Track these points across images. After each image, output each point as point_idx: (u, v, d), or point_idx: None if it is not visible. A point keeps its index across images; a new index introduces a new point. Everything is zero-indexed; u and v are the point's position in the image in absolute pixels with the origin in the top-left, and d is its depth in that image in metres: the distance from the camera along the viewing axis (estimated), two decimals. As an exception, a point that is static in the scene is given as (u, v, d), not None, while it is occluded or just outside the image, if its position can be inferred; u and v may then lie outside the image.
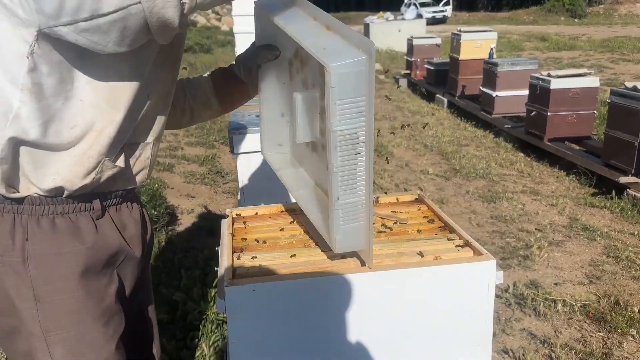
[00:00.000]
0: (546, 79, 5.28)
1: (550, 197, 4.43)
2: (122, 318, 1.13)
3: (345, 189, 1.08)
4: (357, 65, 0.97)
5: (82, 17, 0.81)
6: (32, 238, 1.01)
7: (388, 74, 11.03)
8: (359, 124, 1.02)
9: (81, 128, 0.98)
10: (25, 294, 1.02)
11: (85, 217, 1.06)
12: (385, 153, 5.75)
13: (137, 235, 1.18)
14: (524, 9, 28.46)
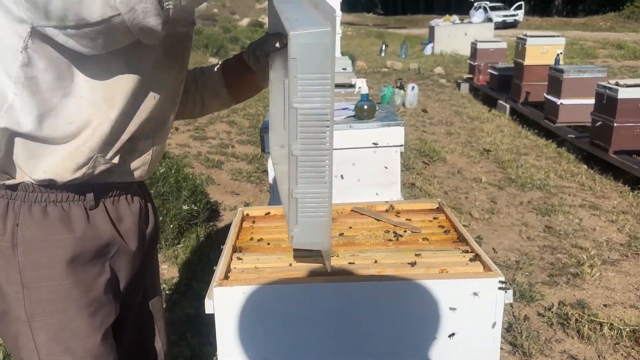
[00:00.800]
0: (613, 87, 4.96)
1: (611, 213, 4.15)
2: (112, 310, 1.12)
3: (307, 177, 0.96)
4: (322, 37, 0.87)
5: (69, 24, 0.82)
6: (22, 224, 1.02)
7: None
8: (325, 103, 0.91)
9: (78, 124, 0.99)
10: (13, 278, 1.03)
11: (78, 206, 1.06)
12: (437, 158, 5.60)
13: (134, 228, 1.17)
14: (600, 15, 27.04)
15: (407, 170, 5.20)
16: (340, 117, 2.44)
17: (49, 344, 1.05)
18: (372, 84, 10.24)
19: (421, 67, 12.35)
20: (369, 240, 1.30)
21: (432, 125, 7.24)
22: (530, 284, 3.02)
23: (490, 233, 3.82)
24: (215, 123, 6.66)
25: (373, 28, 29.00)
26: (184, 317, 2.56)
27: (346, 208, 1.53)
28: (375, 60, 14.26)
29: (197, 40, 13.53)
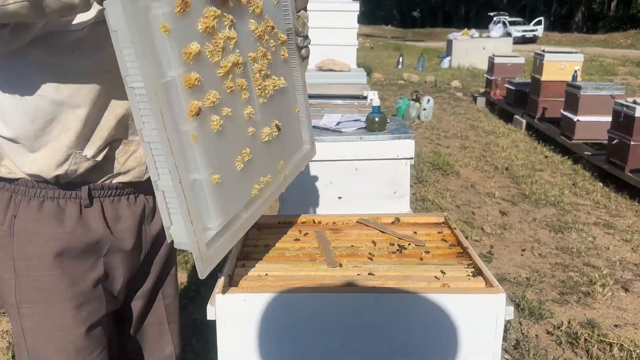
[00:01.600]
0: (631, 105, 4.92)
1: (625, 232, 4.09)
2: (101, 305, 1.15)
3: (165, 167, 0.86)
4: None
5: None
6: (19, 216, 1.08)
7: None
8: (163, 78, 0.82)
9: (41, 122, 1.02)
10: (8, 265, 1.09)
11: (73, 203, 1.11)
12: (451, 172, 5.58)
13: (132, 228, 1.19)
14: (621, 32, 26.82)
15: (419, 183, 5.20)
16: (352, 129, 2.46)
17: (34, 332, 1.10)
18: (388, 96, 10.26)
19: (438, 80, 12.34)
20: (373, 252, 1.31)
21: (447, 138, 7.22)
22: (540, 301, 2.99)
23: (502, 249, 3.80)
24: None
25: (391, 40, 29.07)
26: (190, 323, 2.58)
27: (352, 219, 1.54)
28: (392, 72, 14.28)
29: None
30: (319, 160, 2.31)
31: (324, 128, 2.47)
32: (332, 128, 2.46)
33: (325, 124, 2.51)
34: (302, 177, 2.39)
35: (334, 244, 1.36)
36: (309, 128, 1.39)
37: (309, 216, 1.55)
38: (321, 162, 2.32)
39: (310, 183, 2.37)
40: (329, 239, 1.38)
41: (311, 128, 1.42)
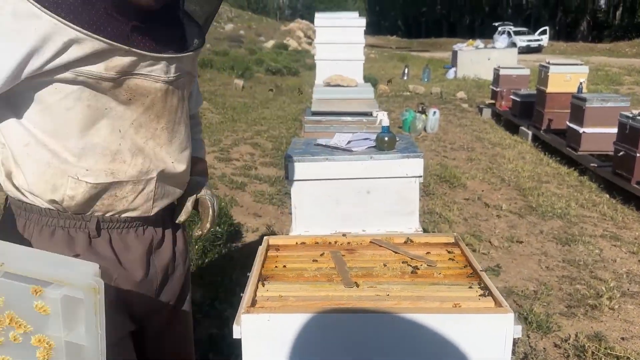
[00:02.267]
0: (637, 117, 4.97)
1: (632, 244, 4.13)
2: (115, 326, 1.15)
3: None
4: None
5: None
6: (34, 241, 1.15)
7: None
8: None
9: (33, 147, 1.10)
10: None
11: (83, 233, 1.17)
12: (458, 184, 5.63)
13: (140, 259, 1.23)
14: (626, 41, 26.86)
15: (427, 196, 5.26)
16: (362, 148, 2.53)
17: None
18: (394, 108, 10.35)
19: (443, 91, 12.43)
20: (386, 272, 1.38)
21: (453, 150, 7.28)
22: (548, 314, 3.04)
23: (510, 262, 3.84)
24: (240, 145, 6.82)
25: (396, 51, 29.20)
26: (207, 338, 2.64)
27: (365, 239, 1.61)
28: (398, 83, 14.39)
29: (223, 62, 13.86)
30: (331, 179, 2.39)
31: (334, 147, 2.55)
32: (343, 147, 2.53)
33: (336, 143, 2.58)
34: (314, 195, 2.46)
35: (350, 264, 1.43)
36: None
37: (324, 237, 1.62)
38: (333, 181, 2.39)
39: (322, 201, 2.44)
40: (344, 260, 1.45)
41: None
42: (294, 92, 12.42)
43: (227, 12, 31.86)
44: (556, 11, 41.19)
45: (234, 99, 11.06)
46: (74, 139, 1.10)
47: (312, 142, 2.72)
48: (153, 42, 1.12)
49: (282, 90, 12.73)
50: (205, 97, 10.60)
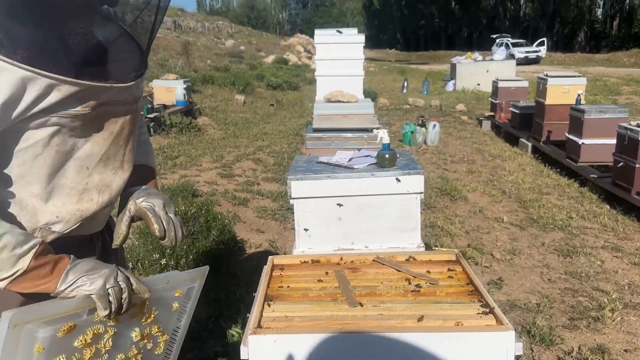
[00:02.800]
0: (634, 129, 5.01)
1: (634, 255, 4.15)
2: None
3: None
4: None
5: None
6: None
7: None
8: None
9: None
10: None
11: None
12: (459, 197, 5.66)
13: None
14: (624, 51, 27.03)
15: (428, 209, 5.28)
16: (363, 165, 2.57)
17: None
18: (394, 121, 10.41)
19: (443, 104, 12.50)
20: (389, 291, 1.41)
21: (453, 163, 7.32)
22: (551, 327, 3.05)
23: (512, 274, 3.86)
24: (242, 160, 6.87)
25: (395, 64, 29.37)
26: (212, 356, 2.66)
27: (368, 258, 1.64)
28: (397, 96, 14.48)
29: (224, 78, 13.96)
30: (333, 196, 2.42)
31: (336, 165, 2.59)
32: (345, 165, 2.57)
33: (338, 161, 2.62)
34: (317, 213, 2.49)
35: (353, 283, 1.46)
36: None
37: (328, 255, 1.65)
38: (335, 198, 2.43)
39: (325, 218, 2.48)
40: (348, 279, 1.48)
41: None
42: (295, 107, 12.50)
43: (228, 28, 32.12)
44: (553, 22, 41.48)
45: (235, 115, 11.14)
46: (41, 185, 1.09)
47: (314, 159, 2.76)
48: (119, 72, 1.12)
49: (283, 105, 12.81)
50: (206, 113, 10.68)
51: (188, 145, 7.85)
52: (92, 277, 1.06)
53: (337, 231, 2.51)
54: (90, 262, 1.11)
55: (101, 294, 1.05)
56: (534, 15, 43.86)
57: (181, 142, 8.13)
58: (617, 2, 37.88)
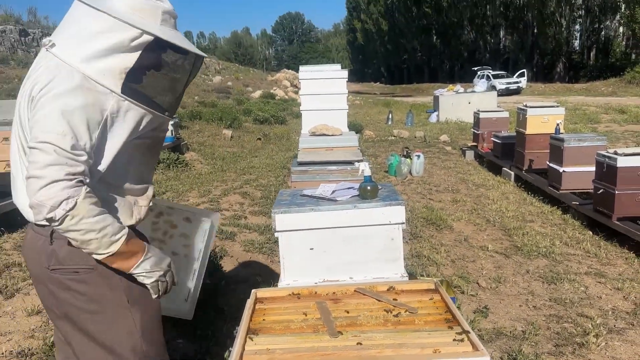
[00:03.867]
0: (612, 156, 5.14)
1: (616, 280, 4.21)
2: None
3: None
4: None
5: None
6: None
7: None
8: None
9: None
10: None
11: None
12: (444, 226, 5.72)
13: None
14: (601, 80, 27.75)
15: (414, 239, 5.33)
16: (346, 197, 2.62)
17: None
18: (380, 152, 10.54)
19: (427, 135, 12.70)
20: (370, 320, 1.44)
21: (438, 192, 7.41)
22: (537, 354, 3.07)
23: (498, 302, 3.89)
24: (229, 194, 6.89)
25: (380, 97, 29.79)
26: None
27: (350, 289, 1.67)
28: (383, 128, 14.68)
29: (212, 113, 14.08)
30: (317, 229, 2.46)
31: (320, 197, 2.63)
32: (328, 197, 2.61)
33: (321, 193, 2.67)
34: (301, 245, 2.52)
35: (335, 314, 1.49)
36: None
37: (310, 287, 1.68)
38: (319, 230, 2.46)
39: (309, 251, 2.50)
40: (329, 309, 1.51)
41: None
42: (282, 140, 12.61)
43: (215, 65, 32.51)
44: (533, 54, 42.58)
45: (222, 149, 11.20)
46: (129, 176, 1.70)
47: (299, 192, 2.81)
48: (174, 108, 1.80)
49: (270, 139, 12.92)
50: (194, 149, 10.73)
51: (175, 181, 7.87)
52: (151, 273, 1.59)
53: (321, 263, 2.53)
54: (154, 258, 1.62)
55: (154, 286, 1.61)
56: (513, 47, 45.01)
57: (168, 177, 8.15)
58: (593, 33, 39.07)
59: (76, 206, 1.40)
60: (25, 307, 3.62)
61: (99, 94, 1.49)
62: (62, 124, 1.42)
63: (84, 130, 1.45)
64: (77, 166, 1.43)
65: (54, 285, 1.61)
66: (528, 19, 41.65)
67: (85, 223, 1.42)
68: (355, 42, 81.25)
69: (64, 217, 1.40)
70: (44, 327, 3.37)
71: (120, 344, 1.60)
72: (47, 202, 1.38)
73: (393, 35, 61.26)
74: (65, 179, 1.40)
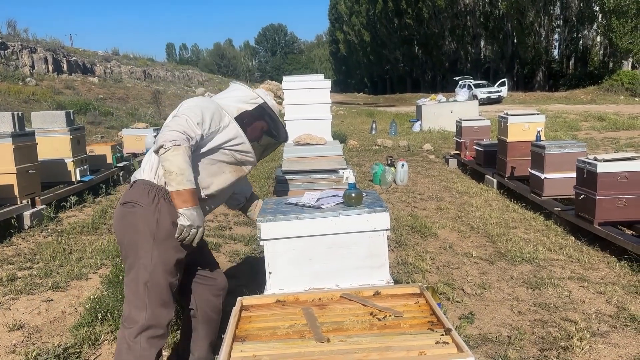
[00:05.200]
0: (592, 162, 5.22)
1: (599, 284, 4.26)
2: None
3: None
4: None
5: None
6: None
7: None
8: None
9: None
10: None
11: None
12: (429, 234, 5.75)
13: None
14: (581, 89, 28.25)
15: (400, 247, 5.34)
16: (331, 204, 2.62)
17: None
18: (364, 162, 10.58)
19: (410, 144, 12.78)
20: (356, 325, 1.44)
21: (422, 200, 7.45)
22: (522, 358, 3.09)
23: (483, 308, 3.91)
24: (213, 206, 6.85)
25: (364, 107, 29.94)
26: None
27: (336, 294, 1.67)
28: (367, 138, 14.74)
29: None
30: (302, 237, 2.46)
31: (305, 205, 2.64)
32: (313, 205, 2.62)
33: (306, 201, 2.68)
34: (287, 253, 2.52)
35: (321, 319, 1.49)
36: None
37: (296, 294, 1.67)
38: (304, 238, 2.46)
39: (295, 259, 2.50)
40: (315, 315, 1.51)
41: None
42: (265, 151, 12.57)
43: (198, 77, 32.46)
44: (513, 63, 43.24)
45: (205, 161, 11.14)
46: (212, 177, 2.45)
47: (284, 201, 2.81)
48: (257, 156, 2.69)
49: (253, 150, 12.89)
50: (176, 160, 10.65)
51: (158, 193, 7.79)
52: (188, 220, 2.19)
53: (307, 271, 2.53)
54: (197, 215, 2.23)
55: (182, 229, 2.20)
56: (493, 57, 45.65)
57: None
58: (572, 43, 39.81)
59: (178, 147, 2.11)
60: (6, 322, 3.56)
61: (222, 112, 2.41)
62: (197, 112, 2.27)
63: (208, 121, 2.28)
64: (193, 132, 2.19)
65: (118, 215, 2.36)
66: (508, 29, 42.33)
67: (177, 160, 2.10)
68: (338, 53, 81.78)
69: (168, 149, 2.11)
70: (26, 342, 3.31)
71: (137, 272, 2.27)
72: (165, 137, 2.15)
73: (375, 46, 61.79)
74: (181, 133, 2.15)
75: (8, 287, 4.24)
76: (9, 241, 5.49)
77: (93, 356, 3.14)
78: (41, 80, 20.00)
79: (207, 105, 2.34)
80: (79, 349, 3.20)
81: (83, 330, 3.31)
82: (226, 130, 2.39)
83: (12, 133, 5.90)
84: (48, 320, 3.70)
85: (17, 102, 15.89)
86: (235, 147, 2.45)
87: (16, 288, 4.20)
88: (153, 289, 2.24)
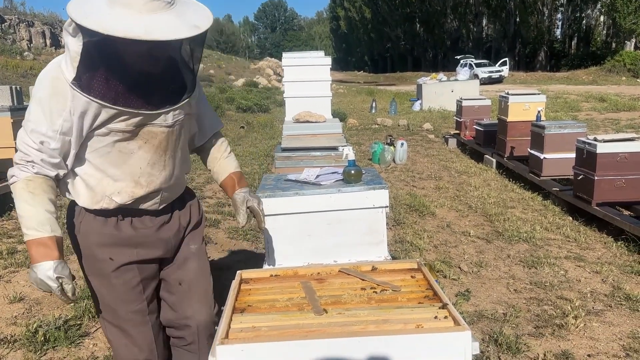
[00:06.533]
0: (592, 142, 5.22)
1: (595, 264, 4.30)
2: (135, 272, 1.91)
3: None
4: None
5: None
6: (84, 219, 1.82)
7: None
8: None
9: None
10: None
11: (112, 218, 1.87)
12: (427, 213, 5.77)
13: (155, 230, 1.92)
14: (582, 69, 28.07)
15: (398, 225, 5.37)
16: (330, 181, 2.63)
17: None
18: (364, 141, 10.56)
19: (410, 123, 12.75)
20: (354, 298, 1.45)
21: (421, 179, 7.46)
22: (517, 335, 3.14)
23: (479, 286, 3.95)
24: (212, 182, 6.86)
25: (364, 85, 29.77)
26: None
27: (334, 269, 1.69)
28: (366, 117, 14.69)
29: (193, 101, 13.95)
30: (301, 213, 2.47)
31: (304, 182, 2.64)
32: (312, 181, 2.63)
33: (305, 178, 2.68)
34: (286, 229, 2.53)
35: (319, 293, 1.50)
36: None
37: (295, 268, 1.69)
38: (303, 214, 2.48)
39: (293, 235, 2.52)
40: (314, 289, 1.53)
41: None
42: (266, 129, 12.56)
43: (196, 52, 32.14)
44: (515, 43, 42.88)
45: (204, 138, 11.11)
46: (112, 170, 1.69)
47: (283, 177, 2.82)
48: (156, 101, 1.62)
49: (253, 127, 12.86)
50: (175, 137, 10.64)
51: (157, 169, 7.79)
52: (34, 283, 1.63)
53: (305, 247, 2.55)
54: (42, 275, 1.60)
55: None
56: (495, 36, 45.25)
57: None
58: (575, 22, 39.43)
59: (14, 185, 1.60)
60: (7, 294, 3.59)
61: (60, 84, 1.58)
62: (33, 114, 1.62)
63: (48, 118, 1.59)
64: (33, 153, 1.60)
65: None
66: (510, 7, 41.87)
67: (17, 202, 1.60)
68: (339, 30, 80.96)
69: (11, 185, 1.62)
70: (27, 314, 3.35)
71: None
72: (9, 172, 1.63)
73: (376, 23, 61.12)
74: (21, 159, 1.61)
75: (8, 260, 4.26)
76: (9, 215, 5.51)
77: (93, 329, 3.18)
78: (39, 55, 19.84)
79: (43, 91, 1.57)
80: (79, 322, 3.24)
81: (83, 303, 3.34)
82: (77, 106, 1.56)
83: (10, 107, 5.87)
84: (48, 293, 3.73)
85: (14, 76, 15.79)
86: (104, 120, 1.60)
87: (16, 261, 4.23)
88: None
